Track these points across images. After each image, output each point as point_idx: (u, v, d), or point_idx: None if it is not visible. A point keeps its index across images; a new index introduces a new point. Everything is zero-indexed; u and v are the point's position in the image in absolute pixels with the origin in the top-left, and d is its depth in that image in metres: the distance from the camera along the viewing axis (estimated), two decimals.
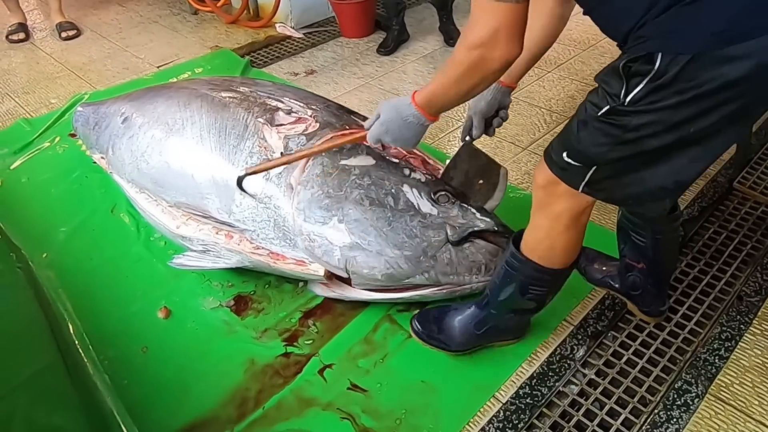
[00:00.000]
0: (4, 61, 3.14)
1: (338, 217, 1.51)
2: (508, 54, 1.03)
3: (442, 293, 1.55)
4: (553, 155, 1.15)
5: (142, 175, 1.80)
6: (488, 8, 0.99)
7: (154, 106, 1.85)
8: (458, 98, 1.19)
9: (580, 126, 1.07)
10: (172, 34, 3.44)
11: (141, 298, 1.71)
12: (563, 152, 1.11)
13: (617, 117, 0.99)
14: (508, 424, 1.37)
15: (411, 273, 1.50)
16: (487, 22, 1.01)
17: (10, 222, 2.00)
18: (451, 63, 1.11)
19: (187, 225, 1.71)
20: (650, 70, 0.91)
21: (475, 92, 1.17)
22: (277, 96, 1.80)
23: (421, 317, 1.54)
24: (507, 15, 0.99)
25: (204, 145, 1.68)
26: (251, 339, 1.59)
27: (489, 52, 1.03)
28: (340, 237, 1.51)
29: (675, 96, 0.92)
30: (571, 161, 1.10)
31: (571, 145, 1.10)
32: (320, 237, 1.52)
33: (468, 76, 1.10)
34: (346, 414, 1.40)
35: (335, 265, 1.52)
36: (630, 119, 0.98)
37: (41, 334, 1.61)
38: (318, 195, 1.54)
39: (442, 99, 1.21)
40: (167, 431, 1.38)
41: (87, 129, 2.12)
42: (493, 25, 1.00)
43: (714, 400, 1.40)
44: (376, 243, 1.49)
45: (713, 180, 2.11)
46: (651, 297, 1.54)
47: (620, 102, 0.97)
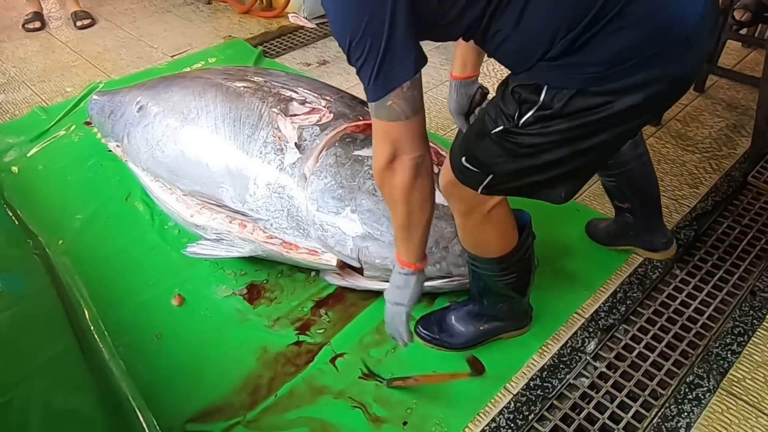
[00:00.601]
0: (20, 50, 3.16)
1: (351, 207, 1.52)
2: (413, 162, 1.01)
3: (452, 285, 1.56)
4: (453, 157, 1.16)
5: (157, 164, 1.81)
6: (383, 128, 0.98)
7: (169, 95, 1.86)
8: (410, 227, 1.13)
9: (479, 137, 1.09)
10: (185, 23, 3.45)
11: (155, 286, 1.73)
12: (462, 156, 1.12)
13: (512, 136, 1.02)
14: (518, 415, 1.38)
15: None
16: (385, 141, 1.00)
17: (27, 209, 2.03)
18: (388, 206, 1.12)
19: (201, 214, 1.72)
20: (536, 101, 0.96)
21: (414, 209, 1.09)
22: (291, 86, 1.80)
23: (423, 321, 1.54)
24: (402, 129, 0.98)
25: (219, 135, 1.69)
26: (264, 327, 1.60)
27: (397, 168, 1.02)
28: (352, 227, 1.51)
29: (565, 122, 0.96)
30: (469, 166, 1.11)
31: (470, 151, 1.11)
32: (333, 227, 1.52)
33: (393, 205, 1.10)
34: (358, 403, 1.41)
35: (347, 254, 1.53)
36: (524, 138, 1.01)
37: (58, 320, 1.63)
38: (331, 185, 1.55)
39: (406, 242, 1.16)
40: (181, 417, 1.40)
41: (102, 117, 2.13)
42: (391, 141, 0.99)
43: (726, 395, 1.40)
44: (388, 233, 1.49)
45: (727, 174, 2.09)
46: (648, 233, 1.64)
47: (514, 123, 1.00)
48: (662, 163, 2.16)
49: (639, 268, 1.73)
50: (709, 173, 2.11)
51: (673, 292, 1.67)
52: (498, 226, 1.24)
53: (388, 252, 1.50)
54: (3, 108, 2.64)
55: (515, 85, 0.99)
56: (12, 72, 2.94)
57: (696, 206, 1.96)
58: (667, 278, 1.71)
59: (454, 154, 1.16)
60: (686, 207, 1.96)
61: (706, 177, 2.09)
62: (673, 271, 1.73)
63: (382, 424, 1.36)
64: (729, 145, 2.24)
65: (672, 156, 2.20)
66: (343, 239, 1.52)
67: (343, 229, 1.52)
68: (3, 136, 2.40)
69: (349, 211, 1.52)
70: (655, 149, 2.24)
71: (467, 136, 1.15)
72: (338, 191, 1.54)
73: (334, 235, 1.53)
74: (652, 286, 1.68)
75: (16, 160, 2.28)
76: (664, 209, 1.95)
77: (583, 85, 0.92)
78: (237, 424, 1.38)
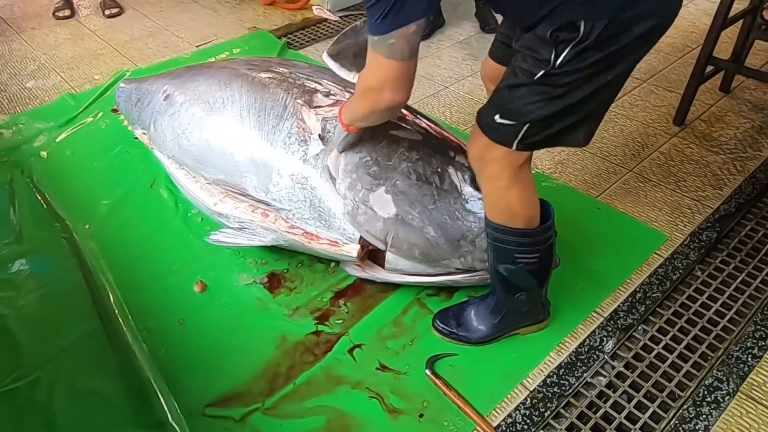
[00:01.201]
0: (50, 37, 3.22)
1: (386, 186, 1.50)
2: (393, 100, 1.19)
3: (474, 279, 1.56)
4: (485, 120, 1.24)
5: (182, 152, 1.84)
6: (377, 62, 1.13)
7: (195, 84, 1.88)
8: (366, 123, 1.41)
9: (512, 89, 1.17)
10: (211, 14, 3.48)
11: (178, 272, 1.76)
12: (496, 114, 1.20)
13: (549, 78, 1.12)
14: (534, 411, 1.38)
15: (448, 255, 1.50)
16: (375, 74, 1.17)
17: (55, 193, 2.07)
18: (356, 94, 1.31)
19: (224, 202, 1.74)
20: (576, 36, 1.05)
21: (377, 122, 1.38)
22: (316, 78, 1.81)
23: (441, 315, 1.56)
24: (394, 70, 1.13)
25: (243, 125, 1.71)
26: (283, 316, 1.62)
27: (377, 95, 1.21)
28: (385, 207, 1.49)
29: (597, 53, 1.08)
30: (504, 121, 1.19)
31: (504, 107, 1.20)
32: (365, 204, 1.50)
33: (365, 110, 1.31)
34: (375, 393, 1.43)
35: (375, 235, 1.50)
36: (560, 78, 1.11)
37: (84, 302, 1.67)
38: (367, 160, 1.53)
39: (354, 119, 1.40)
40: (201, 401, 1.43)
41: (129, 105, 2.16)
42: (382, 76, 1.16)
43: (745, 399, 1.39)
44: (419, 219, 1.49)
45: (752, 176, 2.06)
46: None
47: (551, 65, 1.10)
48: (685, 164, 2.14)
49: (659, 269, 1.72)
50: (733, 174, 2.08)
51: (693, 293, 1.66)
52: (525, 191, 1.29)
53: (416, 238, 1.48)
54: (33, 94, 2.70)
55: (552, 29, 1.07)
56: (42, 59, 3.00)
57: (719, 208, 1.94)
58: (688, 279, 1.70)
59: (485, 116, 1.24)
60: (709, 208, 1.94)
61: (730, 178, 2.07)
62: (695, 273, 1.71)
63: (399, 415, 1.38)
64: (754, 147, 2.21)
65: (696, 156, 2.18)
66: (373, 218, 1.50)
67: (375, 207, 1.50)
68: (33, 121, 2.45)
69: (383, 190, 1.50)
70: (679, 149, 2.22)
71: (497, 97, 1.22)
72: (374, 168, 1.52)
73: (365, 213, 1.50)
74: (672, 286, 1.67)
75: (46, 145, 2.33)
76: (686, 209, 1.93)
77: (614, 13, 1.03)
78: (255, 411, 1.40)
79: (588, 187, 2.05)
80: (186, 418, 1.37)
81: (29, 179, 2.14)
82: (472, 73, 2.76)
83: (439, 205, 1.51)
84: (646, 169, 2.13)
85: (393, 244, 1.51)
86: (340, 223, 1.56)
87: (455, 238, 1.50)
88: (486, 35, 3.12)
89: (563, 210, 1.45)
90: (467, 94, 2.62)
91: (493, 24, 3.14)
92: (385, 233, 1.50)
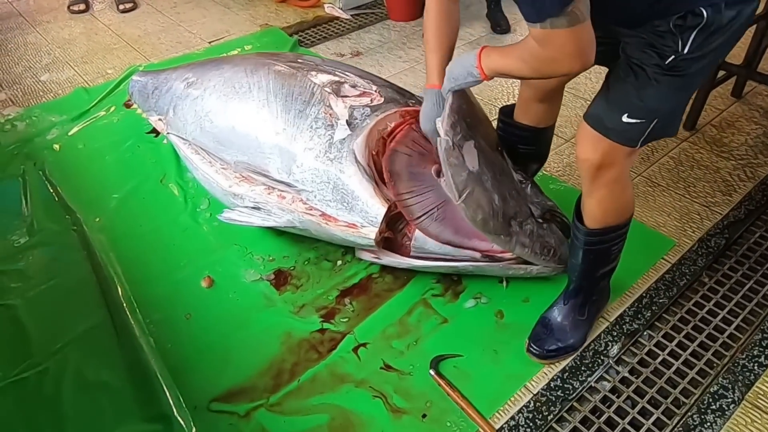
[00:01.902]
0: (65, 31, 3.25)
1: (474, 141, 1.50)
2: (584, 65, 1.09)
3: (497, 267, 1.57)
4: (608, 124, 1.22)
5: (204, 134, 1.83)
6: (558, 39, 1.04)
7: (220, 72, 1.89)
8: (519, 77, 1.30)
9: (640, 88, 1.17)
10: (224, 10, 3.50)
11: (186, 267, 1.78)
12: (623, 115, 1.19)
13: (680, 66, 1.12)
14: (537, 414, 1.38)
15: (500, 231, 1.51)
16: (559, 48, 1.06)
17: (66, 186, 2.10)
18: (525, 50, 1.14)
19: (239, 185, 1.73)
20: (700, 22, 1.06)
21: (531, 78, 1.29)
22: (341, 71, 1.83)
23: (535, 341, 1.51)
24: (583, 33, 1.04)
25: (269, 108, 1.70)
26: (289, 313, 1.63)
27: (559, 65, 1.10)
28: (471, 160, 1.48)
29: (720, 36, 1.09)
30: (631, 120, 1.19)
31: (632, 105, 1.18)
32: (459, 149, 1.47)
33: (533, 73, 1.19)
34: (378, 393, 1.43)
35: (457, 183, 1.47)
36: (689, 64, 1.12)
37: (93, 294, 1.69)
38: (465, 110, 1.51)
39: (504, 70, 1.25)
40: (206, 396, 1.44)
41: (145, 94, 2.15)
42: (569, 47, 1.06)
43: (751, 408, 1.39)
44: (491, 185, 1.50)
45: (762, 183, 2.05)
46: None
47: (680, 53, 1.10)
48: (695, 169, 2.13)
49: (666, 274, 1.72)
50: (743, 181, 2.07)
51: (700, 300, 1.65)
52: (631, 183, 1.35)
53: (485, 202, 1.47)
54: (47, 87, 2.72)
55: (674, 20, 1.07)
56: (56, 53, 3.02)
57: (728, 214, 1.93)
58: (695, 286, 1.69)
59: (607, 120, 1.22)
60: (718, 214, 1.93)
61: (740, 185, 2.05)
62: (702, 279, 1.71)
63: (402, 415, 1.39)
64: (765, 153, 2.19)
65: (706, 162, 2.17)
66: (461, 166, 1.47)
67: (466, 156, 1.47)
68: (46, 114, 2.48)
69: (473, 144, 1.49)
70: (689, 154, 2.20)
71: (621, 97, 1.20)
72: (468, 119, 1.50)
73: (457, 157, 1.46)
74: (679, 292, 1.66)
75: (58, 138, 2.36)
76: (695, 215, 1.93)
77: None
78: (260, 407, 1.41)
79: None
80: (191, 411, 1.39)
81: (41, 171, 2.16)
82: None
83: (503, 179, 1.54)
84: (656, 173, 2.12)
85: (465, 200, 1.47)
86: (362, 206, 1.55)
87: (509, 215, 1.52)
88: (497, 36, 3.12)
89: (571, 213, 1.44)
90: (477, 94, 2.59)
91: (505, 25, 3.13)
92: (464, 185, 1.47)
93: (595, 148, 1.25)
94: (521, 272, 1.59)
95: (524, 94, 1.60)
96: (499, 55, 1.24)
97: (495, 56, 1.25)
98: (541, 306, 1.61)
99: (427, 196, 1.57)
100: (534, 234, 1.56)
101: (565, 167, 2.15)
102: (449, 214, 1.55)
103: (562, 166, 2.15)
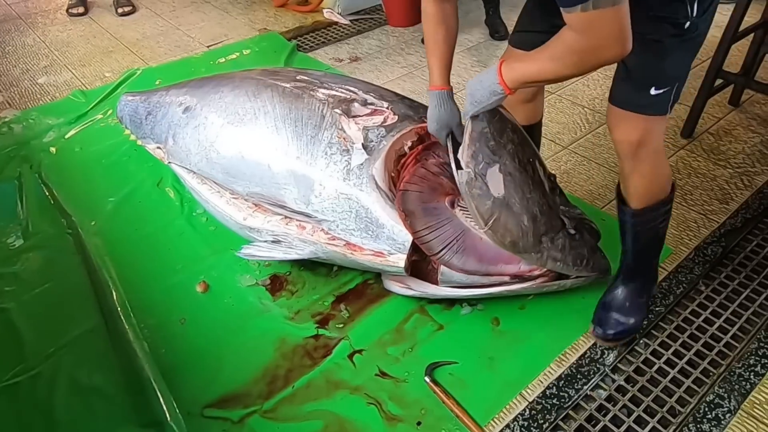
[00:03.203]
0: (63, 34, 3.25)
1: (499, 165, 1.46)
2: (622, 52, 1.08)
3: (532, 288, 1.54)
4: (639, 101, 1.28)
5: (211, 165, 1.75)
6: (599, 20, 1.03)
7: (220, 95, 1.80)
8: (551, 80, 1.23)
9: (660, 58, 1.22)
10: (222, 14, 3.50)
11: (181, 271, 1.77)
12: (650, 89, 1.25)
13: (693, 29, 1.18)
14: (533, 423, 1.38)
15: (531, 248, 1.48)
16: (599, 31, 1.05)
17: (62, 189, 2.09)
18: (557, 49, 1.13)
19: (254, 216, 1.68)
20: None
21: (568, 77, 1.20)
22: (345, 87, 1.77)
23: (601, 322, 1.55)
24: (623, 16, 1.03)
25: (280, 136, 1.64)
26: (284, 319, 1.63)
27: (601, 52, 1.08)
28: (496, 186, 1.45)
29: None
30: (659, 92, 1.26)
31: (657, 77, 1.25)
32: (482, 178, 1.44)
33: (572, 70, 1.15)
34: (373, 399, 1.42)
35: (482, 212, 1.45)
36: (699, 25, 1.19)
37: (87, 298, 1.69)
38: (487, 133, 1.46)
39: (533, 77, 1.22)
40: (200, 402, 1.43)
41: (137, 119, 2.03)
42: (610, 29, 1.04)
43: (747, 417, 1.38)
44: (519, 206, 1.46)
45: (759, 191, 2.05)
46: None
47: (692, 16, 1.17)
48: (692, 177, 2.13)
49: (663, 282, 1.71)
50: (740, 189, 2.07)
51: (696, 308, 1.65)
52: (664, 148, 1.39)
53: (513, 225, 1.45)
54: (44, 90, 2.72)
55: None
56: (54, 55, 3.02)
57: (725, 222, 1.93)
58: (692, 294, 1.69)
59: (637, 97, 1.28)
60: (715, 222, 1.93)
61: (737, 193, 2.06)
62: (698, 287, 1.70)
63: (397, 422, 1.38)
64: (762, 162, 2.20)
65: (703, 170, 2.17)
66: (486, 195, 1.44)
67: (490, 184, 1.44)
68: (43, 117, 2.48)
69: (498, 168, 1.45)
70: (686, 162, 2.21)
71: (645, 70, 1.25)
72: (491, 142, 1.45)
73: (480, 187, 1.43)
74: (675, 301, 1.66)
75: (55, 140, 2.36)
76: (692, 223, 1.92)
77: None
78: (254, 413, 1.40)
79: (593, 197, 2.05)
80: (184, 417, 1.38)
81: (38, 174, 2.16)
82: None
83: (533, 196, 1.49)
84: None
85: (492, 227, 1.45)
86: (388, 233, 1.52)
87: (540, 232, 1.48)
88: (495, 42, 3.13)
89: None
90: None
91: (503, 31, 3.14)
92: (491, 213, 1.45)
93: (633, 127, 1.30)
94: (555, 287, 1.57)
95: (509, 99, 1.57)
96: (522, 63, 1.21)
97: (518, 66, 1.22)
98: (537, 313, 1.61)
99: (445, 230, 1.52)
100: (566, 247, 1.53)
101: (561, 174, 2.15)
102: (470, 243, 1.52)
103: (559, 173, 2.15)
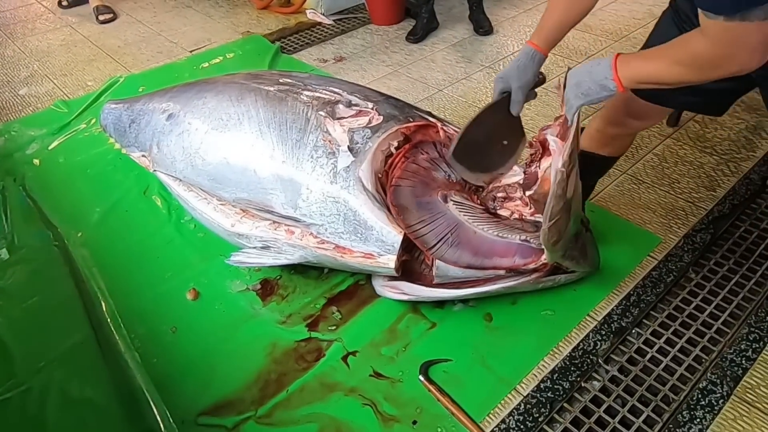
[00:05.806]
0: (43, 44, 3.22)
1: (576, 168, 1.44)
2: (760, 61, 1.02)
3: (528, 284, 1.54)
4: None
5: (197, 172, 1.74)
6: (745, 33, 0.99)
7: (203, 101, 1.79)
8: (670, 84, 1.15)
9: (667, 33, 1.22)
10: (205, 19, 3.48)
11: (171, 279, 1.76)
12: None
13: None
14: (528, 417, 1.38)
15: (565, 248, 1.51)
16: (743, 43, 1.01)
17: (47, 201, 2.07)
18: (685, 51, 1.08)
19: (243, 222, 1.67)
20: None
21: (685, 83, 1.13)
22: (329, 88, 1.76)
23: None
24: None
25: (265, 140, 1.63)
26: (276, 323, 1.62)
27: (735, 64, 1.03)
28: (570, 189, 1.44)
29: None
30: None
31: None
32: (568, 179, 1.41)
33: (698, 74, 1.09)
34: (368, 400, 1.42)
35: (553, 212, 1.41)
36: None
37: (76, 311, 1.67)
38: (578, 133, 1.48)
39: (652, 78, 1.16)
40: (194, 410, 1.42)
41: (121, 127, 2.04)
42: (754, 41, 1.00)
43: (739, 402, 1.39)
44: (572, 209, 1.46)
45: (746, 177, 2.06)
46: None
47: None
48: (679, 165, 2.14)
49: (653, 271, 1.72)
50: (727, 176, 2.08)
51: (687, 296, 1.65)
52: None
53: (564, 228, 1.44)
54: (26, 101, 2.69)
55: None
56: (35, 66, 2.99)
57: (713, 209, 1.94)
58: (682, 282, 1.69)
59: None
60: (703, 210, 1.94)
61: (724, 180, 2.07)
62: (688, 275, 1.71)
63: (393, 422, 1.37)
64: (748, 148, 2.21)
65: (689, 158, 2.18)
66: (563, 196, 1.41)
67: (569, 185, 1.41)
68: (25, 128, 2.45)
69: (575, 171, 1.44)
70: (673, 150, 2.22)
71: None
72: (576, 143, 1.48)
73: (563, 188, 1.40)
74: (666, 289, 1.67)
75: (38, 152, 2.33)
76: (680, 211, 1.93)
77: None
78: (248, 419, 1.40)
79: None
80: (178, 426, 1.37)
81: (22, 187, 2.13)
82: (466, 76, 2.76)
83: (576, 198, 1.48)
84: (640, 171, 2.13)
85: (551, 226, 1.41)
86: (377, 235, 1.51)
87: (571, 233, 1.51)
88: (480, 37, 3.13)
89: None
90: (461, 96, 2.62)
91: (487, 26, 3.14)
92: (559, 215, 1.41)
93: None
94: (550, 283, 1.58)
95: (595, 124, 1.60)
96: (642, 61, 1.15)
97: (637, 64, 1.16)
98: (529, 308, 1.61)
99: (438, 223, 1.53)
100: (585, 246, 1.58)
101: None
102: (464, 236, 1.53)
103: None
